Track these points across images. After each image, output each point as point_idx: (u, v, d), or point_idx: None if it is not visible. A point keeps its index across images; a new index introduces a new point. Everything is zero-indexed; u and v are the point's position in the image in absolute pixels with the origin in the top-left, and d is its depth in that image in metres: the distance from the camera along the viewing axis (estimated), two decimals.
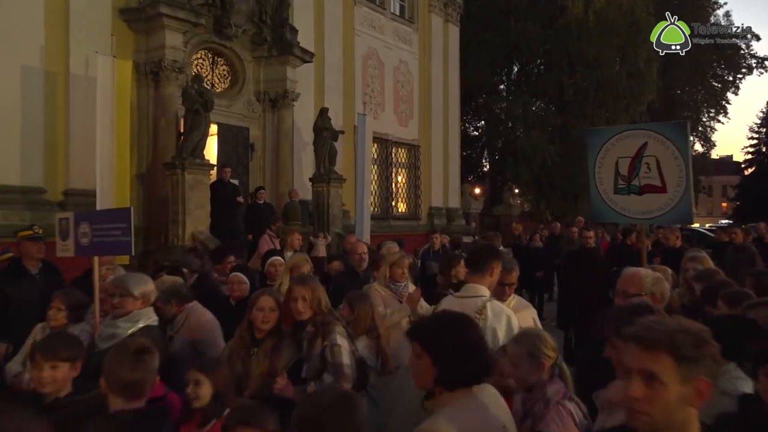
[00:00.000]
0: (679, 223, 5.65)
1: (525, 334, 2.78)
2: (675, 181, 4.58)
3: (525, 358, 2.67)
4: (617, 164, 4.90)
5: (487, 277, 3.52)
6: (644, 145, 4.73)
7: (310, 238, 10.81)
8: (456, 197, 20.29)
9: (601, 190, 5.03)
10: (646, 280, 3.07)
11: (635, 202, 4.82)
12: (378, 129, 16.31)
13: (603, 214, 5.11)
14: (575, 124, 24.21)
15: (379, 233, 14.79)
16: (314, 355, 3.54)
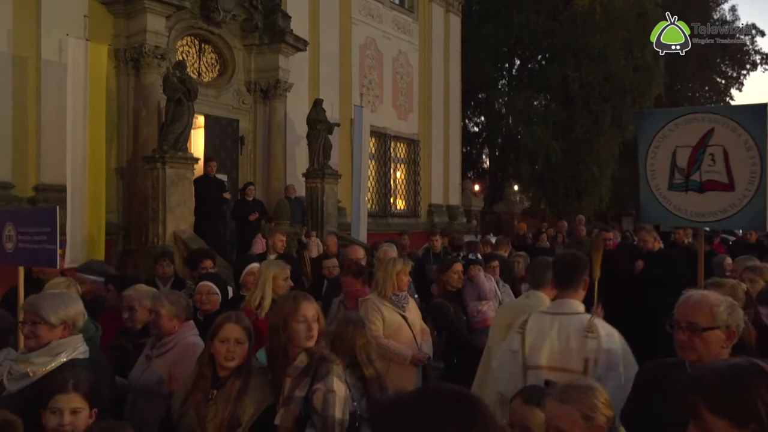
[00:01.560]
0: (748, 229, 4.81)
1: (572, 388, 2.02)
2: (746, 178, 3.78)
3: (577, 424, 1.92)
4: (675, 155, 4.08)
5: (580, 291, 3.22)
6: (710, 132, 3.91)
7: (302, 238, 10.06)
8: (456, 194, 19.55)
9: (653, 185, 4.20)
10: (720, 309, 2.31)
11: (694, 201, 4.01)
12: (376, 122, 15.55)
13: (654, 214, 4.30)
14: (579, 119, 23.46)
15: (376, 231, 14.06)
16: (296, 398, 2.76)
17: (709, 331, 2.28)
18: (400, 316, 4.44)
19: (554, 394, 2.04)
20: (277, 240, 6.73)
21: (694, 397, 1.50)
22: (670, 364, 2.42)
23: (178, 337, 3.44)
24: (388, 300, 4.43)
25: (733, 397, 1.43)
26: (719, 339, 2.28)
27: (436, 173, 18.37)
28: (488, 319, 5.16)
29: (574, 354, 2.99)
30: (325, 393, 2.73)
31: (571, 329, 3.03)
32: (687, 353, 2.31)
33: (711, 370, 1.56)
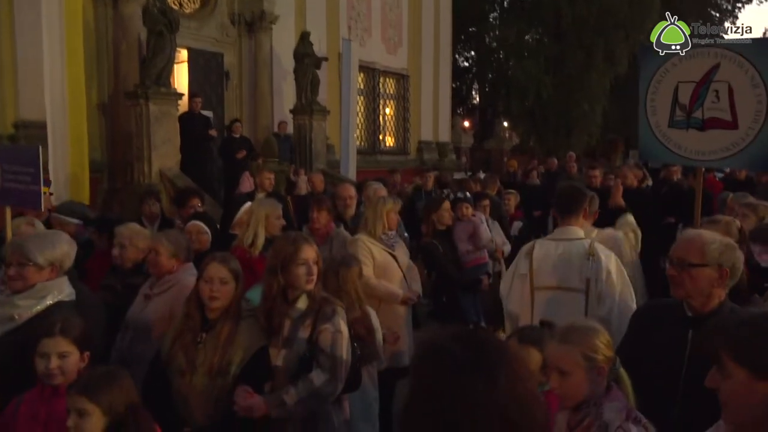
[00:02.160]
0: (749, 169, 4.69)
1: (574, 329, 1.99)
2: (750, 116, 3.65)
3: (579, 364, 1.90)
4: (677, 90, 3.93)
5: (580, 218, 3.55)
6: (715, 68, 3.75)
7: (290, 176, 9.94)
8: (446, 131, 19.32)
9: (653, 122, 4.06)
10: (712, 247, 2.26)
11: (695, 139, 3.89)
12: (364, 57, 15.13)
13: (653, 151, 4.19)
14: (571, 54, 22.98)
15: (365, 169, 13.94)
16: (300, 339, 2.78)
17: (699, 268, 2.24)
18: (390, 255, 4.40)
19: (555, 335, 2.00)
20: (265, 178, 6.61)
21: (718, 345, 1.49)
22: (667, 304, 2.41)
23: (177, 276, 3.38)
24: (378, 239, 4.39)
25: (755, 348, 1.41)
26: (709, 277, 2.24)
27: (425, 109, 18.09)
28: (479, 258, 5.14)
29: (577, 274, 3.31)
30: (334, 333, 2.76)
31: (573, 253, 3.35)
32: (676, 289, 2.31)
33: (737, 319, 1.55)
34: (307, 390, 2.70)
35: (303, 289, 2.80)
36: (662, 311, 2.43)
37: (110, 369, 2.19)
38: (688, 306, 2.32)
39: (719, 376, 1.48)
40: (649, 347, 2.34)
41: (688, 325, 2.28)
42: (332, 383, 2.74)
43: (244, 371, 2.59)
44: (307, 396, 2.69)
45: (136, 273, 3.76)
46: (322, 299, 2.85)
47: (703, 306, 2.28)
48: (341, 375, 2.77)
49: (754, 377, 1.40)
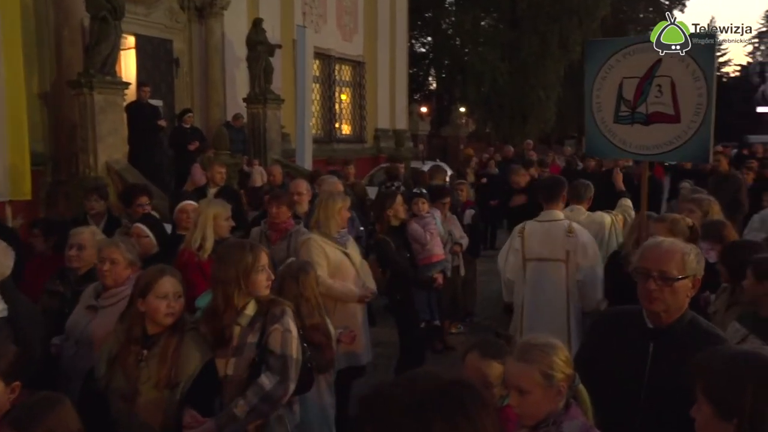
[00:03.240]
0: (692, 161, 4.75)
1: (532, 347, 1.93)
2: (692, 110, 3.70)
3: (538, 383, 1.86)
4: (621, 86, 3.95)
5: (560, 203, 4.51)
6: (658, 63, 3.78)
7: (244, 167, 9.74)
8: (404, 118, 19.26)
9: (599, 118, 4.08)
10: (690, 258, 2.18)
11: (639, 133, 3.93)
12: (320, 44, 14.90)
13: (598, 148, 4.21)
14: (526, 40, 23.20)
15: (322, 158, 13.78)
16: (249, 344, 2.69)
17: (681, 281, 2.16)
18: (343, 253, 4.33)
19: (515, 353, 1.96)
20: (216, 172, 6.40)
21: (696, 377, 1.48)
22: (627, 312, 2.35)
23: (128, 287, 3.21)
24: (331, 238, 4.30)
25: (723, 387, 1.39)
26: (687, 288, 2.19)
27: (382, 97, 17.97)
28: (433, 255, 5.09)
29: (559, 248, 4.22)
30: (283, 333, 2.69)
31: (555, 231, 4.29)
32: (655, 304, 2.18)
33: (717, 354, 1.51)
34: (258, 395, 2.62)
35: (261, 294, 2.72)
36: (623, 320, 2.35)
37: (47, 396, 2.03)
38: (649, 316, 2.24)
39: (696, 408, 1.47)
40: (610, 358, 2.29)
41: (649, 337, 2.23)
42: (283, 384, 2.67)
43: (192, 390, 2.48)
44: (259, 401, 2.61)
45: (89, 279, 3.53)
46: (269, 301, 2.78)
47: (667, 317, 2.21)
48: (292, 375, 2.71)
49: (719, 416, 1.37)
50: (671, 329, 2.19)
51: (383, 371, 5.49)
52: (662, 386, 2.13)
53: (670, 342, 2.17)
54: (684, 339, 2.15)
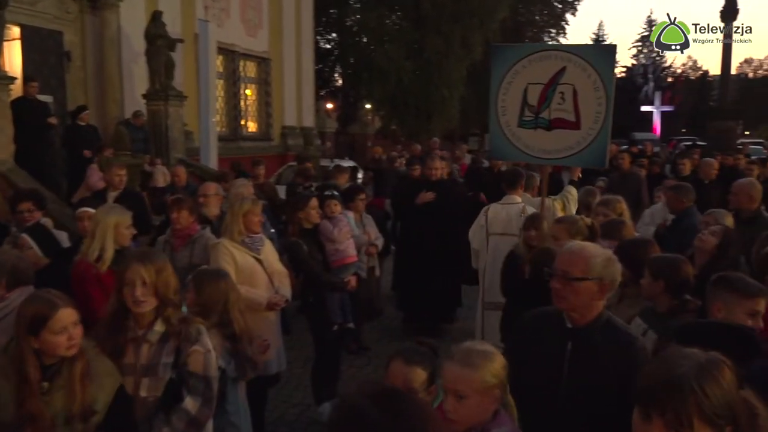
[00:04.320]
0: (590, 166, 5.00)
1: (475, 353, 1.96)
2: (591, 117, 3.90)
3: (476, 389, 1.89)
4: (526, 91, 4.11)
5: (519, 189, 5.64)
6: (562, 71, 3.96)
7: (146, 167, 9.32)
8: (310, 116, 19.13)
9: (503, 122, 4.22)
10: (595, 261, 2.28)
11: (542, 138, 4.10)
12: (223, 39, 14.50)
13: (502, 151, 4.35)
14: (430, 40, 23.63)
15: (227, 156, 13.42)
16: (164, 364, 2.59)
17: (581, 282, 2.27)
18: (254, 259, 4.23)
19: (455, 357, 1.98)
20: (114, 175, 6.00)
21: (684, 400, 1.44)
22: (549, 313, 2.44)
23: (11, 302, 2.96)
24: (241, 243, 4.20)
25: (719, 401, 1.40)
26: (591, 290, 2.28)
27: (288, 94, 17.76)
28: (347, 257, 5.07)
29: (515, 225, 5.10)
30: (205, 354, 2.65)
31: (512, 212, 5.44)
32: (560, 302, 2.34)
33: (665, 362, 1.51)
34: (184, 420, 2.58)
35: (136, 311, 2.58)
36: (544, 321, 2.45)
37: None
38: (568, 317, 2.35)
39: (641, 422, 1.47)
40: (531, 357, 2.39)
41: (567, 337, 2.33)
42: (207, 406, 2.65)
43: (110, 418, 2.31)
44: (185, 426, 2.58)
45: None
46: (182, 319, 2.68)
47: (582, 318, 2.32)
48: (214, 395, 2.68)
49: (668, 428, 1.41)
50: (588, 329, 2.30)
51: (298, 376, 5.46)
52: (579, 385, 2.23)
53: (586, 342, 2.28)
54: (599, 339, 2.26)
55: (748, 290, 2.53)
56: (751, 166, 8.70)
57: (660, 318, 2.78)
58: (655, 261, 2.92)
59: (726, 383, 1.42)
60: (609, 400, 2.09)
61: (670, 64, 54.16)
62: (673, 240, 5.41)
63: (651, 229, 6.64)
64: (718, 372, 1.43)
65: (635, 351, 2.21)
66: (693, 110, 48.51)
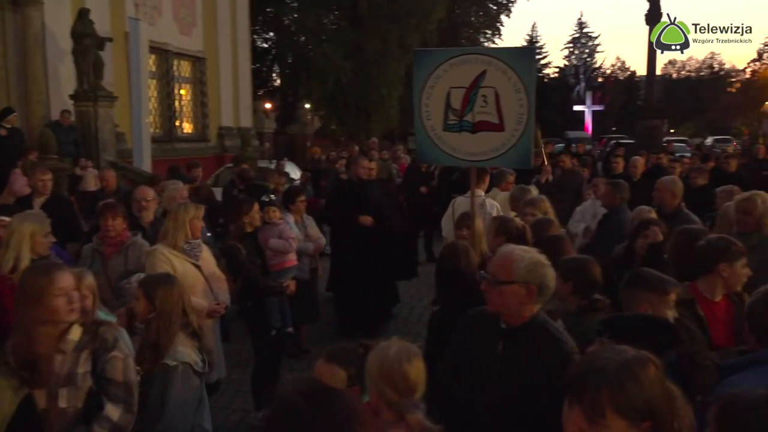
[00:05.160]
0: (515, 167, 5.08)
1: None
2: (514, 118, 3.96)
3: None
4: (449, 95, 4.13)
5: (482, 185, 6.04)
6: (482, 74, 3.99)
7: (76, 171, 8.98)
8: (248, 116, 18.86)
9: (428, 126, 4.24)
10: (520, 265, 2.32)
11: (467, 141, 4.14)
12: (155, 37, 14.12)
13: (429, 155, 4.38)
14: (368, 40, 23.68)
15: (162, 158, 13.09)
16: (82, 373, 2.52)
17: (506, 285, 2.32)
18: (193, 265, 4.16)
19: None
20: (38, 180, 5.72)
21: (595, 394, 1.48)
22: (487, 313, 2.48)
23: None
24: (180, 250, 4.11)
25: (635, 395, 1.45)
26: (517, 294, 2.31)
27: (225, 94, 17.45)
28: (286, 261, 5.05)
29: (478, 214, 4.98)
30: (124, 360, 2.61)
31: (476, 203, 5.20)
32: (489, 304, 2.40)
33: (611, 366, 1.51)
34: (106, 429, 2.52)
35: (66, 320, 2.51)
36: (483, 320, 2.49)
37: None
38: (503, 318, 2.40)
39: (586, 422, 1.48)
40: (466, 355, 2.45)
41: (499, 337, 2.38)
42: (129, 412, 2.61)
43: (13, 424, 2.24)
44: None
45: None
46: (96, 325, 2.64)
47: (514, 320, 2.37)
48: (135, 401, 2.65)
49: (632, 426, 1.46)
50: (520, 331, 2.35)
51: (238, 381, 5.39)
52: (507, 385, 2.29)
53: (517, 343, 2.34)
54: (530, 341, 2.32)
55: (666, 287, 2.67)
56: (674, 164, 9.14)
57: (572, 317, 2.86)
58: (563, 263, 3.00)
59: (648, 380, 1.47)
60: (536, 401, 2.14)
61: (600, 64, 56.21)
62: (604, 234, 5.65)
63: (581, 225, 6.90)
64: (640, 369, 1.48)
65: (564, 354, 2.26)
66: (622, 109, 50.48)
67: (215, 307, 4.10)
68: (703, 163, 10.69)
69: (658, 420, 1.45)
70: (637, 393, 1.45)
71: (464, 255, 3.45)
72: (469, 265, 3.42)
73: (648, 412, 1.45)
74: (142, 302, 3.04)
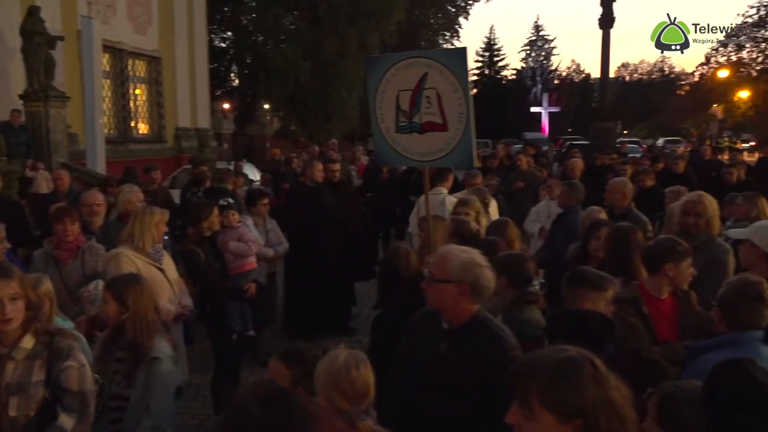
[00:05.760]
0: (460, 166, 5.10)
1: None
2: (455, 118, 4.04)
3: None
4: (398, 98, 4.23)
5: (446, 182, 6.42)
6: (424, 76, 4.09)
7: (27, 173, 8.74)
8: (206, 116, 18.61)
9: (383, 128, 4.35)
10: (453, 264, 2.36)
11: (417, 141, 4.24)
12: (109, 36, 13.82)
13: (387, 156, 4.48)
14: (327, 41, 23.64)
15: (117, 159, 12.84)
16: (36, 382, 2.49)
17: (442, 284, 2.38)
18: (157, 269, 4.11)
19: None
20: None
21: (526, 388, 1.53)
22: (432, 314, 2.53)
23: None
24: (145, 254, 4.06)
25: (563, 394, 1.48)
26: (452, 292, 2.35)
27: (181, 94, 17.18)
28: (245, 264, 5.01)
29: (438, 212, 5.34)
30: (79, 369, 2.57)
31: (437, 201, 5.76)
32: (429, 301, 2.47)
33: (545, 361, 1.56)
34: None
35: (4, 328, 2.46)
36: (428, 320, 2.54)
37: None
38: (444, 318, 2.45)
39: (523, 416, 1.54)
40: (412, 355, 2.50)
41: (441, 337, 2.43)
42: (83, 422, 2.57)
43: None
44: None
45: None
46: (50, 333, 2.60)
47: (455, 319, 2.41)
48: (91, 411, 2.61)
49: (561, 421, 1.49)
50: (461, 330, 2.40)
51: (197, 386, 5.34)
52: (449, 383, 2.34)
53: (459, 342, 2.39)
54: (471, 340, 2.38)
55: (605, 285, 2.78)
56: (624, 165, 9.41)
57: (507, 311, 2.93)
58: (497, 259, 3.06)
59: (581, 379, 1.50)
60: (477, 399, 2.20)
61: (556, 67, 57.35)
62: (558, 234, 5.81)
63: (537, 225, 7.07)
64: (573, 368, 1.51)
65: (505, 351, 2.30)
66: (577, 111, 51.64)
67: (181, 310, 4.08)
68: (653, 164, 11.02)
69: (590, 419, 1.47)
70: (567, 391, 1.48)
71: (404, 258, 3.53)
72: (409, 268, 3.49)
73: (579, 410, 1.48)
74: (112, 305, 2.97)
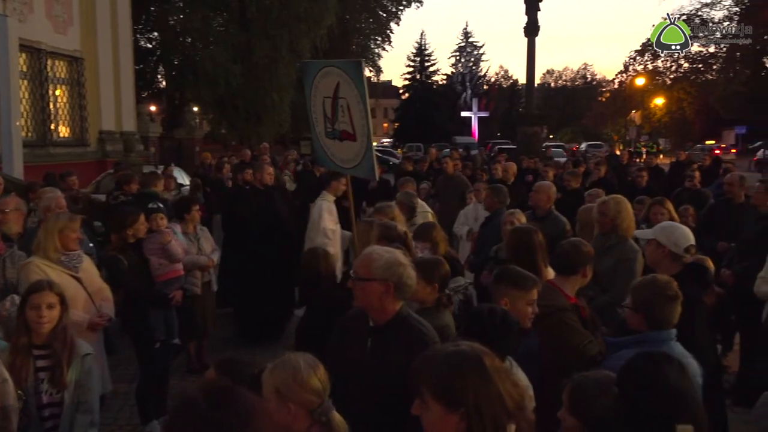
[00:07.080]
0: (367, 177, 4.98)
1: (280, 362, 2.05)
2: (361, 130, 4.11)
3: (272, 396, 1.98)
4: (324, 104, 4.31)
5: (331, 189, 6.56)
6: (338, 86, 4.16)
7: None
8: (131, 119, 17.99)
9: (318, 131, 4.42)
10: (377, 263, 2.45)
11: (339, 148, 4.31)
12: (26, 35, 13.18)
13: (321, 158, 4.55)
14: (258, 44, 23.38)
15: (36, 164, 12.28)
16: None
17: (366, 282, 2.46)
18: (73, 278, 4.01)
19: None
20: None
21: (420, 380, 1.66)
22: (360, 313, 2.61)
23: None
24: (56, 262, 3.95)
25: (448, 385, 1.61)
26: (376, 291, 2.44)
27: (105, 96, 16.57)
28: (171, 271, 4.90)
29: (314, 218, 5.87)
30: (1, 384, 2.55)
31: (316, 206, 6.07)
32: (355, 300, 2.55)
33: (437, 356, 1.71)
34: None
35: None
36: (357, 318, 2.61)
37: None
38: (370, 316, 2.53)
39: (421, 407, 1.66)
40: (341, 353, 2.57)
41: (368, 335, 2.52)
42: None
43: None
44: None
45: None
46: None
47: (379, 317, 2.50)
48: (13, 427, 2.57)
49: (447, 410, 1.61)
50: (385, 328, 2.50)
51: (124, 395, 5.22)
52: (375, 380, 2.43)
53: (384, 339, 2.49)
54: (394, 337, 2.47)
55: (526, 284, 2.93)
56: (546, 168, 9.81)
57: (427, 312, 3.02)
58: (417, 263, 3.17)
59: (465, 372, 1.62)
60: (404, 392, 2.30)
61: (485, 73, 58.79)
62: (485, 237, 6.02)
63: (465, 228, 7.28)
64: (460, 361, 1.65)
65: (425, 344, 2.38)
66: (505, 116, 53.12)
67: (96, 320, 4.00)
68: (575, 167, 11.53)
69: (471, 409, 1.59)
70: (450, 381, 1.61)
71: (323, 259, 3.59)
72: (329, 269, 3.56)
73: (462, 400, 1.60)
74: None
